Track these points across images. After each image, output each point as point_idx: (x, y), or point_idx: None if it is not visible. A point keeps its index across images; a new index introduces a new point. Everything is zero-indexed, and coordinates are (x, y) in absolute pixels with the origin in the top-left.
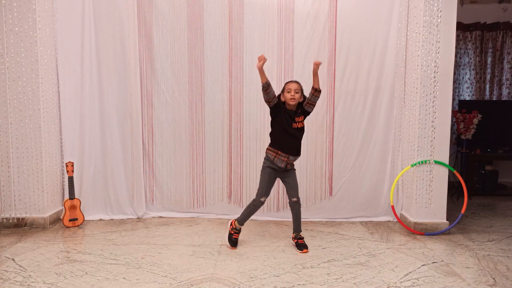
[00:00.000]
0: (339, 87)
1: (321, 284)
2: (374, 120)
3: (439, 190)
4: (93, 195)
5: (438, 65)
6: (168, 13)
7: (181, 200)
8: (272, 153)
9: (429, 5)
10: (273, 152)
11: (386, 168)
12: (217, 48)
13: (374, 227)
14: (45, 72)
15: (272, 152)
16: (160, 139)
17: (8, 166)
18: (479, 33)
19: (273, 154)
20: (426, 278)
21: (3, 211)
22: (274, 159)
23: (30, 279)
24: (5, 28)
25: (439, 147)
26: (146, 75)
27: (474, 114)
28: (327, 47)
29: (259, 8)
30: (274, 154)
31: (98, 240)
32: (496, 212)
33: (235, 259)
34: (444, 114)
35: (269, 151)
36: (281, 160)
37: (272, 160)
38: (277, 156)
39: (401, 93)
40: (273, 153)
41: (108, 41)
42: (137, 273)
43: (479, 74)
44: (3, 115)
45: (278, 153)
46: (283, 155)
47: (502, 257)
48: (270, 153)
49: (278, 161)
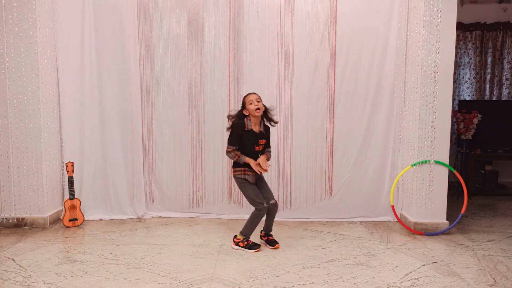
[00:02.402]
0: (339, 87)
1: (321, 284)
2: (374, 120)
3: (439, 190)
4: (93, 195)
5: (438, 65)
6: (168, 13)
7: (181, 200)
8: (240, 173)
9: (429, 5)
10: (241, 172)
11: (386, 168)
12: (217, 48)
13: (374, 227)
14: (45, 72)
15: (239, 172)
16: (160, 139)
17: (8, 166)
18: (479, 33)
19: (241, 173)
20: (426, 278)
21: (3, 211)
22: (245, 176)
23: (30, 279)
24: (5, 28)
25: (439, 147)
26: (146, 75)
27: (474, 114)
28: (327, 47)
29: (259, 8)
30: (242, 172)
31: (98, 240)
32: (496, 212)
33: (235, 259)
34: (444, 114)
35: (236, 172)
36: (250, 176)
37: (244, 178)
38: (245, 173)
39: (401, 93)
40: (241, 172)
41: (108, 41)
42: (137, 273)
43: (479, 74)
44: (3, 115)
45: (245, 170)
46: (250, 171)
47: (502, 257)
48: (238, 173)
49: (249, 177)
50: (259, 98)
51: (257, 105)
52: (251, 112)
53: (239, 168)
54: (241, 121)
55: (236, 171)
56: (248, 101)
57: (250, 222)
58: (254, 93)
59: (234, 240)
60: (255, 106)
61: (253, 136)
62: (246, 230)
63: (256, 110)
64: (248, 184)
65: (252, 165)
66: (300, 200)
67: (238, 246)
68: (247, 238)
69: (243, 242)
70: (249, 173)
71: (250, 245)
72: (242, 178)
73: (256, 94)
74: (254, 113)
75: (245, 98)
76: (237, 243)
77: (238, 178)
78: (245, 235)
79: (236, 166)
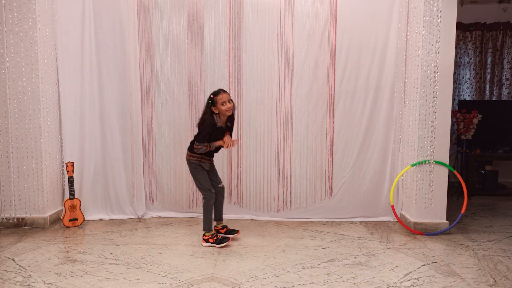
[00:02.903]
0: (339, 87)
1: (321, 284)
2: (374, 120)
3: (439, 190)
4: (93, 195)
5: (438, 65)
6: (168, 13)
7: (181, 200)
8: (195, 159)
9: (429, 5)
10: (197, 158)
11: (386, 168)
12: (217, 48)
13: (374, 227)
14: (45, 72)
15: (195, 158)
16: (160, 139)
17: (8, 166)
18: (479, 33)
19: (197, 160)
20: (426, 278)
21: (3, 211)
22: (200, 163)
23: (30, 279)
24: (5, 28)
25: (439, 147)
26: (146, 75)
27: (474, 114)
28: (327, 47)
29: (259, 8)
30: (198, 159)
31: (98, 240)
32: (496, 212)
33: (235, 259)
34: (444, 114)
35: (193, 157)
36: (205, 163)
37: (199, 164)
38: (202, 160)
39: (401, 93)
40: (197, 159)
41: (108, 41)
42: (137, 273)
43: (479, 74)
44: (3, 115)
45: (202, 157)
46: (207, 159)
47: (502, 257)
48: (194, 159)
49: (204, 164)
50: (230, 97)
51: (229, 107)
52: (222, 112)
53: (196, 154)
54: (212, 119)
55: (193, 156)
56: (220, 101)
57: (204, 215)
58: (225, 92)
59: (203, 238)
60: (227, 107)
61: (221, 133)
62: (206, 224)
63: (227, 111)
64: (201, 170)
65: (224, 145)
66: (300, 200)
67: (208, 243)
68: (211, 231)
69: (212, 238)
70: (205, 161)
71: (220, 239)
72: (197, 163)
73: (227, 94)
74: (225, 113)
75: (216, 97)
76: (207, 240)
77: (193, 163)
78: (208, 229)
79: (193, 152)
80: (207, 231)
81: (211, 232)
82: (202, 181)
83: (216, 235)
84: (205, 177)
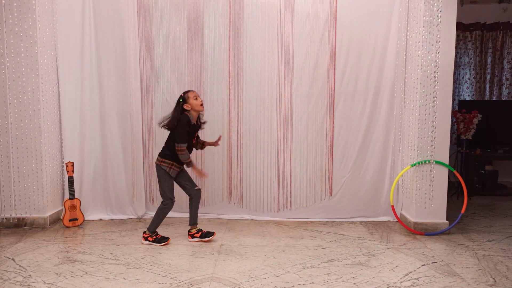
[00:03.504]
0: (339, 87)
1: (321, 284)
2: (374, 120)
3: (439, 190)
4: (93, 195)
5: (438, 65)
6: (168, 13)
7: (181, 200)
8: (167, 165)
9: (429, 5)
10: (168, 164)
11: (386, 168)
12: (217, 48)
13: (374, 227)
14: (45, 72)
15: (166, 164)
16: (160, 139)
17: (8, 166)
18: (479, 33)
19: (168, 166)
20: (426, 278)
21: (3, 211)
22: (170, 171)
23: (30, 279)
24: (5, 28)
25: (439, 147)
26: (146, 75)
27: (474, 114)
28: (327, 47)
29: (259, 8)
30: (169, 166)
31: (98, 240)
32: (496, 212)
33: (235, 259)
34: (444, 114)
35: (163, 163)
36: (175, 171)
37: (168, 172)
38: (172, 167)
39: (401, 93)
40: (168, 165)
41: (108, 41)
42: (137, 273)
43: (479, 74)
44: (3, 115)
45: (173, 164)
46: (177, 167)
47: (502, 257)
48: (164, 165)
49: (173, 172)
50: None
51: (201, 101)
52: (194, 107)
53: (167, 161)
54: (185, 116)
55: (163, 162)
56: (192, 97)
57: (156, 217)
58: (193, 91)
59: (143, 236)
60: (200, 101)
61: (193, 130)
62: (152, 226)
63: (201, 105)
64: (168, 178)
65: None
66: (300, 200)
67: (147, 241)
68: (154, 232)
69: (151, 237)
70: (176, 168)
71: (159, 239)
72: (166, 171)
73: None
74: (199, 108)
75: (188, 94)
76: (146, 238)
77: (162, 169)
78: (152, 231)
79: (165, 158)
80: (150, 232)
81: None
82: (166, 189)
83: (156, 234)
84: (170, 186)
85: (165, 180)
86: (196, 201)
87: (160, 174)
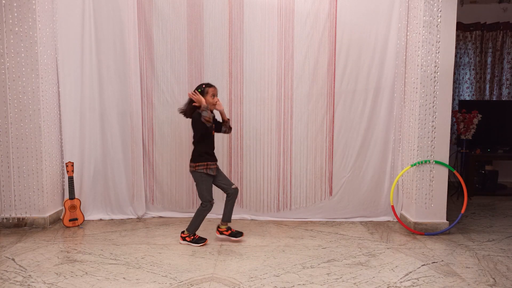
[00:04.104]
0: (339, 87)
1: (321, 284)
2: (374, 120)
3: (439, 190)
4: (93, 195)
5: (438, 65)
6: (168, 13)
7: (181, 200)
8: (202, 167)
9: (429, 5)
10: (203, 166)
11: (386, 168)
12: (217, 48)
13: (374, 227)
14: (45, 72)
15: (202, 167)
16: (160, 139)
17: (8, 166)
18: (479, 33)
19: (204, 167)
20: (426, 278)
21: (3, 211)
22: (208, 171)
23: (30, 279)
24: (5, 28)
25: (439, 147)
26: (146, 75)
27: (474, 114)
28: (327, 47)
29: (259, 8)
30: (205, 167)
31: (98, 240)
32: (496, 212)
33: (235, 259)
34: (444, 114)
35: (198, 167)
36: (212, 169)
37: (206, 173)
38: (208, 167)
39: (401, 93)
40: (203, 167)
41: (108, 41)
42: (137, 273)
43: (479, 74)
44: (3, 115)
45: (208, 164)
46: (212, 164)
47: (502, 257)
48: (200, 168)
49: (211, 170)
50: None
51: (218, 99)
52: (209, 103)
53: (201, 163)
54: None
55: (198, 166)
56: (210, 93)
57: (195, 219)
58: (215, 87)
59: (181, 236)
60: (215, 101)
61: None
62: (192, 227)
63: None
64: (206, 179)
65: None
66: (300, 200)
67: (185, 241)
68: (193, 234)
69: (189, 237)
70: (212, 166)
71: (197, 239)
72: (204, 172)
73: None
74: (211, 108)
75: (208, 89)
76: (184, 238)
77: (199, 173)
78: (191, 232)
79: (197, 161)
80: (190, 232)
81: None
82: (204, 191)
83: (194, 234)
84: (209, 188)
85: (203, 182)
86: (233, 199)
87: (196, 178)
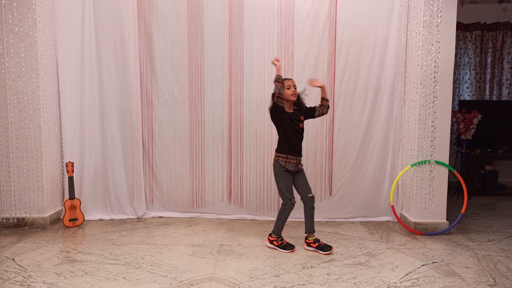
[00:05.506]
0: (339, 87)
1: (321, 284)
2: (374, 120)
3: (439, 190)
4: (93, 195)
5: (438, 65)
6: (168, 13)
7: (181, 200)
8: (282, 159)
9: (429, 5)
10: (283, 158)
11: (386, 168)
12: (217, 48)
13: (374, 227)
14: (45, 72)
15: (282, 158)
16: (160, 139)
17: (8, 166)
18: (479, 33)
19: (283, 160)
20: (426, 278)
21: (3, 211)
22: (286, 164)
23: (30, 279)
24: (5, 28)
25: (439, 147)
26: (146, 75)
27: (474, 114)
28: (327, 47)
29: (259, 8)
30: (284, 159)
31: (98, 240)
32: (496, 212)
33: (235, 259)
34: (444, 114)
35: (279, 157)
36: (291, 163)
37: (284, 166)
38: (287, 161)
39: (401, 93)
40: (283, 159)
41: (108, 41)
42: (137, 273)
43: (479, 74)
44: (3, 115)
45: (288, 157)
46: (293, 158)
47: (502, 257)
48: (280, 159)
49: (289, 165)
50: (295, 84)
51: (294, 91)
52: (286, 96)
53: (282, 154)
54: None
55: (279, 156)
56: (286, 85)
57: (277, 220)
58: (291, 79)
59: (269, 238)
60: (292, 91)
61: (295, 117)
62: (275, 228)
63: (292, 95)
64: (285, 176)
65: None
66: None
67: (272, 245)
68: (278, 235)
69: (277, 241)
70: (291, 160)
71: (284, 245)
72: (282, 165)
73: (293, 80)
74: (290, 98)
75: (284, 81)
76: (271, 242)
77: (277, 164)
78: (276, 233)
79: (279, 151)
80: (275, 234)
81: (278, 236)
82: (283, 189)
83: (282, 239)
84: (288, 185)
85: (281, 179)
86: (309, 209)
87: (276, 172)
